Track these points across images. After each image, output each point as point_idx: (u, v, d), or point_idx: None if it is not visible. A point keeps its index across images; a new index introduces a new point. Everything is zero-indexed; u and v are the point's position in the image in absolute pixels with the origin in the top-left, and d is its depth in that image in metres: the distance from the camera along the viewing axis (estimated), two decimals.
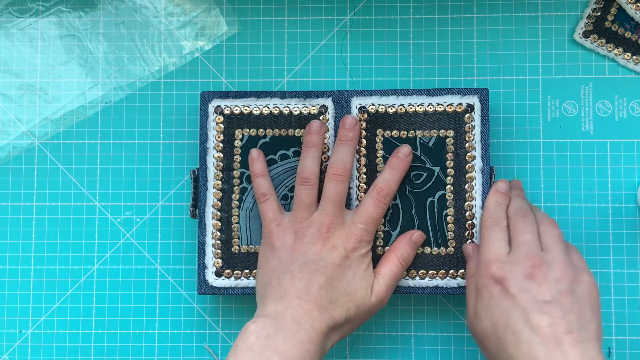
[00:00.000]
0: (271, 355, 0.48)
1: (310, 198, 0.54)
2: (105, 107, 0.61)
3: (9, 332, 0.60)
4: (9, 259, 0.61)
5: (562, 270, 0.49)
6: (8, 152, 0.61)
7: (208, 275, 0.57)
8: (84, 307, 0.60)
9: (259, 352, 0.48)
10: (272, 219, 0.54)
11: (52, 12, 0.62)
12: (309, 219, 0.53)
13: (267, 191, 0.55)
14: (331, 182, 0.54)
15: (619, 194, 0.59)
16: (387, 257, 0.55)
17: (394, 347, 0.59)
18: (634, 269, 0.58)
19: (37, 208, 0.61)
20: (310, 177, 0.54)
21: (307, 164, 0.54)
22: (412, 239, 0.55)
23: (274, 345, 0.48)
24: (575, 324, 0.47)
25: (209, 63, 0.61)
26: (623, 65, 0.59)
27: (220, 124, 0.57)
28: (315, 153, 0.55)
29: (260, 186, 0.55)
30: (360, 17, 0.61)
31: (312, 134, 0.55)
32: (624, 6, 0.59)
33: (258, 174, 0.55)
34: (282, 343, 0.48)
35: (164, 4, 0.62)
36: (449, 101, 0.56)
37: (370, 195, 0.54)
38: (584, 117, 0.60)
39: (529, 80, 0.60)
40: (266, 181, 0.55)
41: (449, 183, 0.56)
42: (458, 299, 0.59)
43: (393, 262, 0.55)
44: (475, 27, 0.60)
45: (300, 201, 0.54)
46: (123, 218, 0.61)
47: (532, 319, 0.47)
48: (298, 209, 0.54)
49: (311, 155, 0.55)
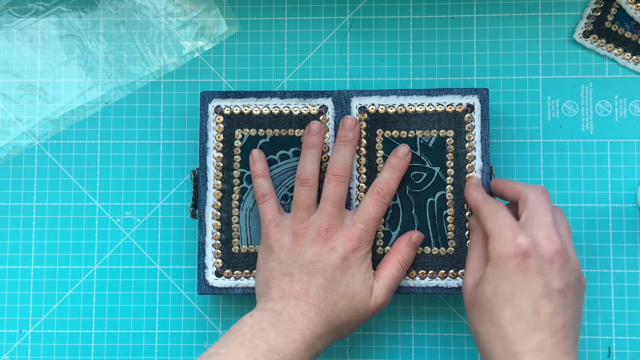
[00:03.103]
0: (260, 344, 0.48)
1: (309, 199, 0.53)
2: (105, 107, 0.61)
3: (9, 332, 0.60)
4: (9, 259, 0.61)
5: (574, 264, 0.49)
6: (8, 152, 0.61)
7: (208, 275, 0.57)
8: (84, 307, 0.60)
9: (250, 339, 0.48)
10: (271, 220, 0.54)
11: (52, 12, 0.62)
12: (308, 220, 0.53)
13: (267, 192, 0.55)
14: (331, 182, 0.53)
15: (619, 194, 0.59)
16: (388, 260, 0.55)
17: (394, 347, 0.59)
18: (634, 269, 0.58)
19: (37, 208, 0.61)
20: (310, 178, 0.54)
21: (306, 165, 0.54)
22: (412, 240, 0.55)
23: (266, 337, 0.48)
24: (570, 320, 0.47)
25: (209, 63, 0.61)
26: (623, 65, 0.59)
27: (220, 124, 0.57)
28: (314, 154, 0.55)
29: (260, 187, 0.55)
30: (360, 17, 0.61)
31: (312, 135, 0.55)
32: (624, 6, 0.59)
33: (259, 175, 0.55)
34: (274, 337, 0.48)
35: (164, 4, 0.62)
36: (449, 101, 0.56)
37: (369, 196, 0.54)
38: (584, 117, 0.60)
39: (529, 80, 0.60)
40: (266, 182, 0.55)
41: (449, 183, 0.56)
42: (458, 299, 0.59)
43: (394, 265, 0.54)
44: (475, 27, 0.60)
45: (300, 202, 0.53)
46: (123, 218, 0.61)
47: (539, 303, 0.46)
48: (297, 210, 0.53)
49: (310, 157, 0.55)
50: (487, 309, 0.48)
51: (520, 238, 0.48)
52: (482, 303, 0.49)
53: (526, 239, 0.48)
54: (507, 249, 0.48)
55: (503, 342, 0.47)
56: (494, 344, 0.47)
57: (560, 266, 0.47)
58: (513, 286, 0.47)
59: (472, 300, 0.50)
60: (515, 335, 0.46)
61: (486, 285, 0.49)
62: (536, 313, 0.46)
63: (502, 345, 0.47)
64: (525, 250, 0.47)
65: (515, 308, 0.47)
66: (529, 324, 0.46)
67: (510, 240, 0.48)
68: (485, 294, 0.48)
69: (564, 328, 0.46)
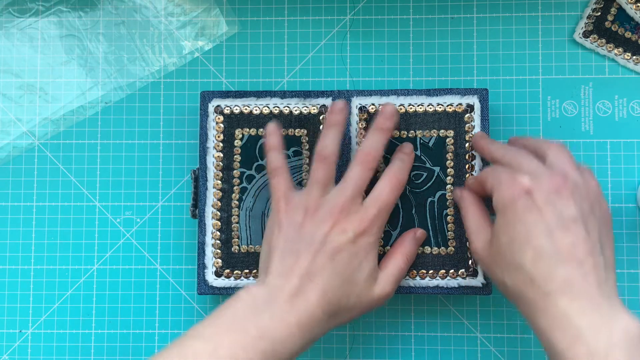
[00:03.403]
0: (250, 328, 0.46)
1: (327, 177, 0.51)
2: (105, 107, 0.61)
3: (9, 332, 0.60)
4: (9, 259, 0.61)
5: (587, 190, 0.48)
6: (8, 152, 0.61)
7: (208, 275, 0.57)
8: (84, 307, 0.60)
9: (240, 321, 0.47)
10: (281, 196, 0.51)
11: (52, 12, 0.62)
12: (323, 198, 0.51)
13: (280, 166, 0.52)
14: (358, 166, 0.51)
15: (619, 194, 0.59)
16: (393, 253, 0.54)
17: (394, 347, 0.59)
18: (634, 269, 0.58)
19: (37, 208, 0.61)
20: (330, 155, 0.52)
21: (327, 142, 0.52)
22: (417, 236, 0.55)
23: (258, 319, 0.47)
24: (596, 246, 0.46)
25: (209, 63, 0.61)
26: (623, 65, 0.59)
27: (220, 124, 0.57)
28: (336, 132, 0.52)
29: (273, 160, 0.53)
30: (360, 17, 0.61)
31: (336, 113, 0.53)
32: (624, 6, 0.59)
33: (272, 147, 0.53)
34: (267, 319, 0.47)
35: (164, 4, 0.62)
36: (448, 101, 0.57)
37: (383, 181, 0.52)
38: (584, 117, 0.60)
39: (529, 80, 0.60)
40: (280, 156, 0.53)
41: (449, 183, 0.56)
42: (458, 299, 0.59)
43: (400, 258, 0.53)
44: (475, 27, 0.60)
45: (317, 178, 0.51)
46: (123, 218, 0.61)
47: (555, 235, 0.45)
48: (312, 186, 0.51)
49: (332, 135, 0.52)
50: (507, 258, 0.47)
51: (519, 178, 0.47)
52: (501, 254, 0.48)
53: (526, 177, 0.47)
54: (510, 192, 0.47)
55: (532, 286, 0.46)
56: (524, 291, 0.46)
57: (569, 193, 0.46)
58: (526, 226, 0.46)
59: (489, 258, 0.49)
60: (542, 275, 0.45)
61: (501, 235, 0.48)
62: (555, 247, 0.45)
63: (532, 290, 0.46)
64: (527, 188, 0.47)
65: (534, 247, 0.46)
66: (551, 259, 0.45)
67: (510, 185, 0.47)
68: (502, 244, 0.47)
69: (590, 256, 0.45)
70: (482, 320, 0.59)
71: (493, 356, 0.59)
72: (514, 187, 0.47)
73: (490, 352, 0.59)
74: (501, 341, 0.59)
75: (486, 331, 0.59)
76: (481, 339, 0.59)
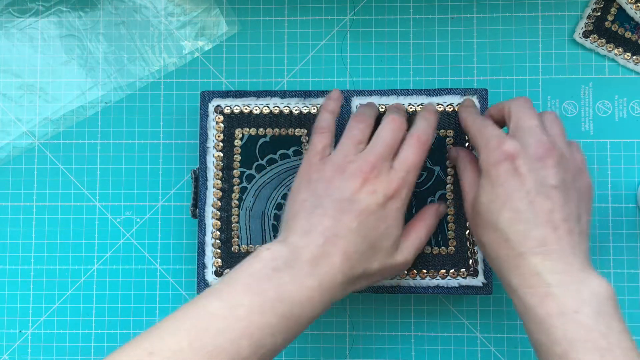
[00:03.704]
0: (268, 289, 0.45)
1: (362, 135, 0.51)
2: (105, 107, 0.61)
3: (9, 332, 0.60)
4: (9, 259, 0.61)
5: (570, 162, 0.48)
6: (8, 152, 0.61)
7: (208, 275, 0.57)
8: (84, 307, 0.60)
9: (258, 281, 0.45)
10: (318, 152, 0.50)
11: (52, 12, 0.62)
12: (355, 155, 0.50)
13: (328, 127, 0.52)
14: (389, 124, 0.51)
15: (619, 194, 0.59)
16: (415, 224, 0.53)
17: (394, 347, 0.59)
18: (634, 269, 0.58)
19: (37, 208, 0.61)
20: (368, 119, 0.52)
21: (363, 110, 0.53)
22: (440, 210, 0.55)
23: (278, 280, 0.45)
24: (573, 214, 0.47)
25: (209, 63, 0.61)
26: (623, 65, 0.59)
27: (220, 124, 0.57)
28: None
29: (323, 120, 0.52)
30: (360, 17, 0.61)
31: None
32: (624, 6, 0.59)
33: (329, 110, 0.52)
34: (287, 281, 0.45)
35: (164, 4, 0.62)
36: (449, 101, 0.57)
37: (409, 144, 0.51)
38: (584, 117, 0.60)
39: (529, 80, 0.60)
40: (332, 120, 0.52)
41: (449, 182, 0.56)
42: (458, 299, 0.59)
43: (422, 229, 0.53)
44: (475, 27, 0.60)
45: (352, 136, 0.50)
46: (123, 218, 0.61)
47: (535, 201, 0.46)
48: (346, 143, 0.50)
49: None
50: (486, 218, 0.48)
51: (506, 143, 0.47)
52: (481, 214, 0.48)
53: (512, 143, 0.47)
54: (495, 156, 0.47)
55: (507, 246, 0.46)
56: (499, 250, 0.47)
57: (553, 163, 0.47)
58: (507, 189, 0.47)
59: (473, 216, 0.49)
60: (517, 236, 0.46)
61: (482, 195, 0.48)
62: (534, 211, 0.46)
63: (506, 249, 0.46)
64: (512, 153, 0.47)
65: (513, 209, 0.46)
66: (528, 222, 0.46)
67: (496, 148, 0.48)
68: (482, 204, 0.48)
69: (566, 222, 0.46)
70: (482, 320, 0.59)
71: (493, 356, 0.59)
72: (499, 151, 0.48)
73: (490, 352, 0.59)
74: (501, 341, 0.59)
75: (486, 331, 0.59)
76: (481, 339, 0.59)
